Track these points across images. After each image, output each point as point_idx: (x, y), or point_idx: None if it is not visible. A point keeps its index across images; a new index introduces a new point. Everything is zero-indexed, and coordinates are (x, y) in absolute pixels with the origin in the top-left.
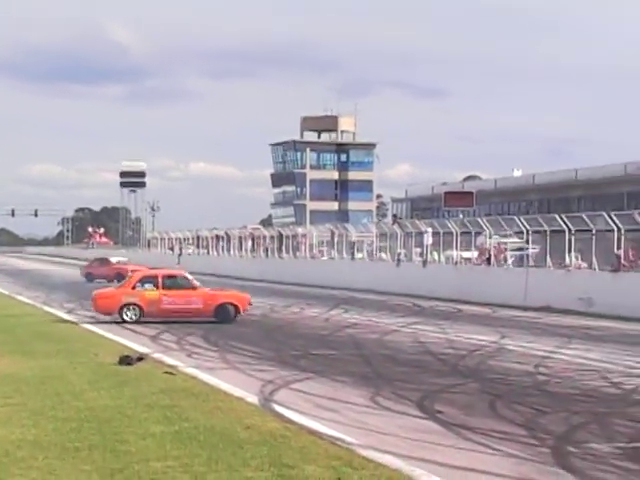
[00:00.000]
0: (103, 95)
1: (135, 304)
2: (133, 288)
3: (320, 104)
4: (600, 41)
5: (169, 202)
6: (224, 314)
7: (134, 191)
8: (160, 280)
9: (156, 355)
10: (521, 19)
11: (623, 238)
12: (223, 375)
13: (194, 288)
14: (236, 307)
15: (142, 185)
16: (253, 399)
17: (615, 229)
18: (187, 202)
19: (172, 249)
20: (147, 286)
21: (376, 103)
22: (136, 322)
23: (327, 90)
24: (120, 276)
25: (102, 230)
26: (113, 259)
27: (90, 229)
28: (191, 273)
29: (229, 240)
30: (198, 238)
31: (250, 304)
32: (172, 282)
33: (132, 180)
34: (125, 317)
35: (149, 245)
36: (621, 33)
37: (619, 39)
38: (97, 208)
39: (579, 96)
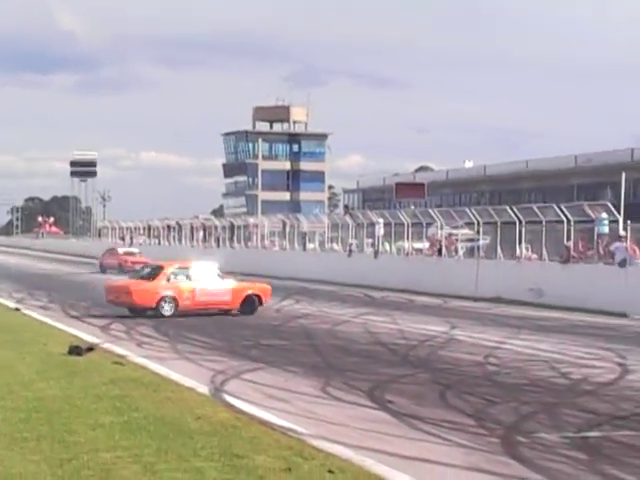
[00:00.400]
0: (54, 84)
1: (172, 297)
2: (168, 280)
3: (273, 94)
4: (552, 33)
5: (120, 191)
6: (250, 305)
7: (85, 180)
8: (193, 272)
9: (106, 345)
10: (474, 10)
11: (573, 229)
12: (174, 365)
13: (222, 280)
14: (260, 298)
15: (93, 174)
16: (204, 389)
17: (565, 221)
18: (138, 191)
19: (123, 239)
20: (180, 278)
21: (328, 93)
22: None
23: (280, 80)
24: (120, 267)
25: (52, 219)
26: (120, 250)
27: (40, 218)
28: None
29: (180, 230)
30: (149, 228)
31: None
32: (203, 274)
33: (83, 169)
34: (163, 311)
35: (100, 235)
36: (573, 26)
37: (570, 32)
38: (47, 197)
39: (531, 88)
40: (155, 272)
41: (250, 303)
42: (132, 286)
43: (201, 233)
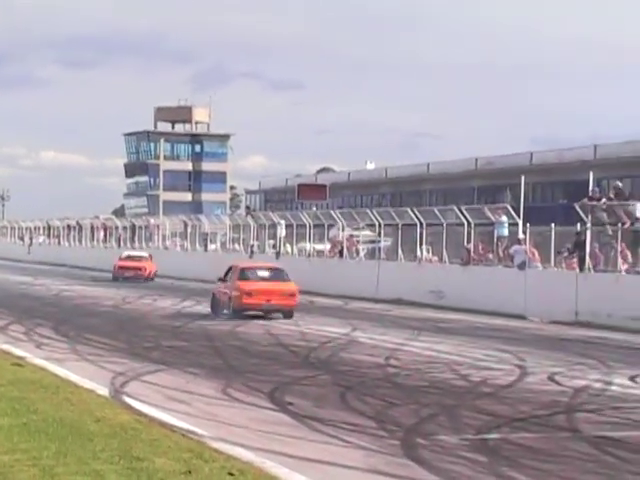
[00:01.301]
0: None
1: None
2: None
3: (174, 94)
4: (452, 37)
5: (20, 191)
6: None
7: None
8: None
9: (4, 346)
10: (377, 13)
11: (473, 232)
12: (73, 367)
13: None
14: None
15: None
16: (104, 391)
17: (465, 223)
18: (38, 191)
19: (22, 239)
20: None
21: (231, 94)
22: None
23: (182, 81)
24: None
25: None
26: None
27: None
28: (42, 263)
29: (81, 230)
30: (49, 228)
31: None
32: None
33: None
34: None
35: None
36: (475, 30)
37: (472, 36)
38: None
39: (431, 90)
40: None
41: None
42: (238, 288)
43: (102, 233)
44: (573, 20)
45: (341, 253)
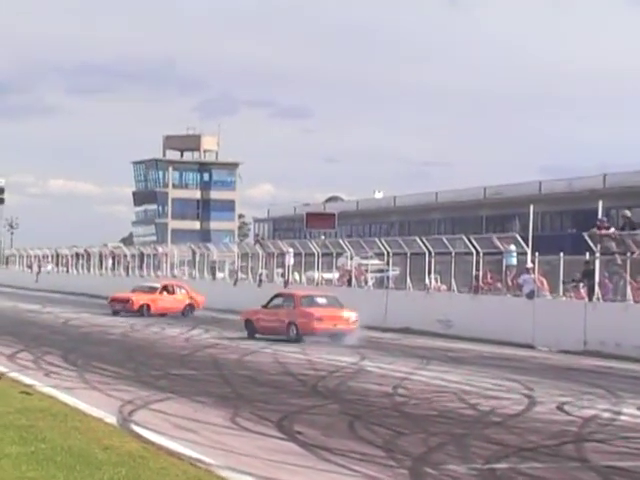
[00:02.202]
0: None
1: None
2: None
3: (183, 123)
4: (458, 64)
5: (28, 219)
6: None
7: None
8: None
9: (12, 374)
10: (386, 40)
11: (481, 261)
12: (82, 395)
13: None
14: None
15: (0, 201)
16: (112, 419)
17: (474, 252)
18: (47, 219)
19: (30, 267)
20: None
21: (239, 122)
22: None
23: (190, 108)
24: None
25: None
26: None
27: None
28: (50, 291)
29: (89, 258)
30: (57, 256)
31: None
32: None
33: None
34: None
35: (7, 262)
36: (480, 56)
37: (478, 63)
38: None
39: (438, 118)
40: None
41: None
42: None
43: (110, 261)
44: (585, 49)
45: (349, 282)
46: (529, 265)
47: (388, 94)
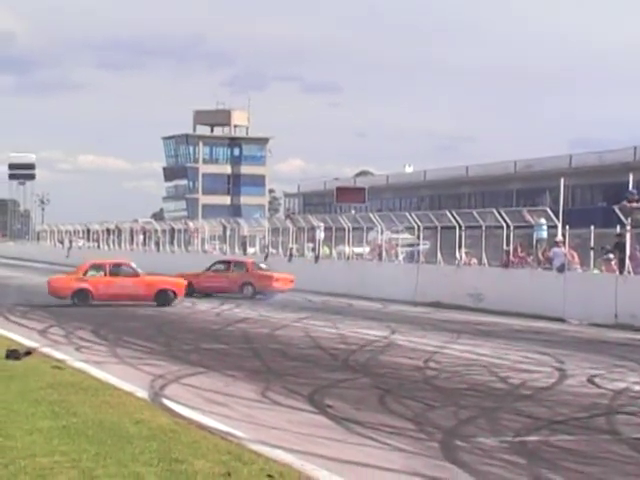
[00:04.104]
0: None
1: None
2: None
3: (213, 98)
4: (486, 40)
5: (59, 195)
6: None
7: (23, 183)
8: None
9: (44, 349)
10: (415, 16)
11: (512, 235)
12: (113, 369)
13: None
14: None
15: (31, 177)
16: (143, 394)
17: (504, 226)
18: (77, 195)
19: (62, 242)
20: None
21: (269, 97)
22: None
23: (220, 84)
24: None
25: None
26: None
27: None
28: None
29: (120, 234)
30: (88, 231)
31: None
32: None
33: (21, 172)
34: None
35: (38, 238)
36: (509, 33)
37: (506, 38)
38: None
39: (469, 94)
40: None
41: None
42: None
43: (141, 237)
44: (615, 23)
45: (380, 256)
46: (559, 238)
47: (417, 69)
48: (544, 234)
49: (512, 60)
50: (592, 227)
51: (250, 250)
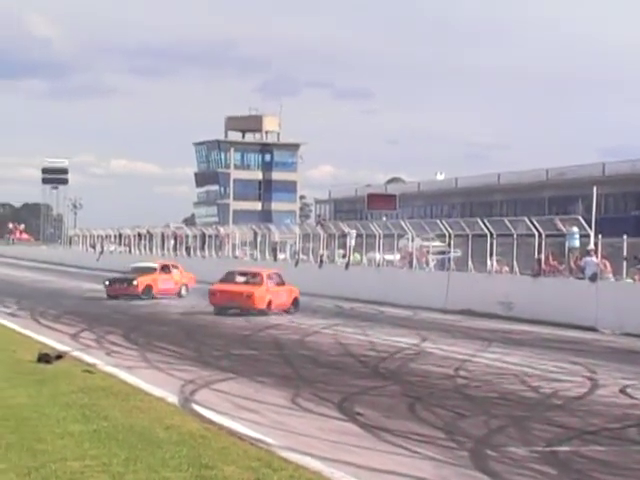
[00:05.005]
0: (24, 90)
1: None
2: None
3: (245, 104)
4: (519, 45)
5: (91, 199)
6: None
7: (56, 187)
8: None
9: (75, 353)
10: (447, 22)
11: (544, 243)
12: (143, 374)
13: None
14: None
15: (64, 182)
16: (173, 399)
17: (536, 234)
18: (109, 199)
19: (94, 247)
20: None
21: (300, 103)
22: None
23: (252, 90)
24: None
25: (22, 226)
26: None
27: (10, 225)
28: (112, 271)
29: (151, 238)
30: (120, 236)
31: None
32: None
33: (54, 177)
34: None
35: (70, 242)
36: (539, 38)
37: (537, 44)
38: (18, 204)
39: (498, 100)
40: None
41: None
42: None
43: (172, 242)
44: None
45: (411, 263)
46: (591, 247)
47: (448, 76)
48: (576, 243)
49: (545, 67)
50: (625, 236)
51: (280, 256)
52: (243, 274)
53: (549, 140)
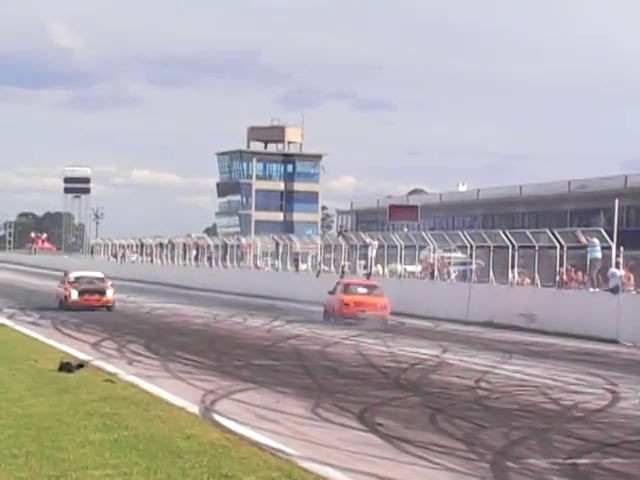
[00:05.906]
0: (47, 99)
1: None
2: None
3: (267, 114)
4: (541, 57)
5: (113, 209)
6: None
7: (78, 197)
8: None
9: (97, 362)
10: (464, 35)
11: (565, 255)
12: (164, 384)
13: None
14: None
15: (86, 191)
16: (194, 409)
17: (558, 246)
18: (131, 209)
19: (115, 256)
20: None
21: (322, 114)
22: None
23: (274, 100)
24: None
25: (45, 235)
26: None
27: (33, 234)
28: (134, 281)
29: (173, 248)
30: (142, 245)
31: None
32: None
33: (76, 186)
34: None
35: (92, 252)
36: (563, 49)
37: (560, 55)
38: (40, 213)
39: (521, 113)
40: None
41: None
42: None
43: (194, 252)
44: None
45: (432, 274)
46: (614, 260)
47: (471, 87)
48: (598, 255)
49: (566, 78)
50: None
51: (302, 267)
52: (361, 285)
53: (572, 152)
